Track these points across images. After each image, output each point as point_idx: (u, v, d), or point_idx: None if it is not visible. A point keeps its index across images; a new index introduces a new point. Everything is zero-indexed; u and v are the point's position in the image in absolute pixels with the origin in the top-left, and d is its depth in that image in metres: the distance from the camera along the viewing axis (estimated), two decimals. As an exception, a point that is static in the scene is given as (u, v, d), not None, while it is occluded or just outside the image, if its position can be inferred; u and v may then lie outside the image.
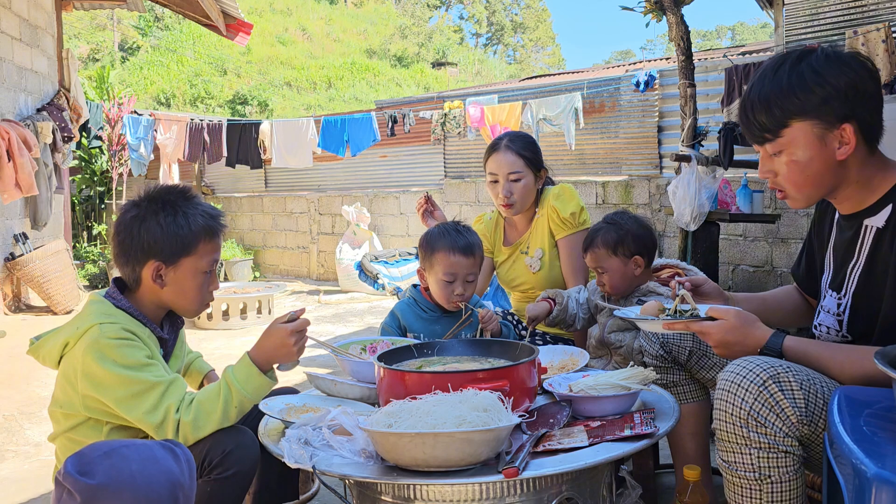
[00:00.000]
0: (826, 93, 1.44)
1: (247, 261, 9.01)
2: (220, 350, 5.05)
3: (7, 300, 6.20)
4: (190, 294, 1.67)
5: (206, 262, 1.67)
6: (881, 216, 1.51)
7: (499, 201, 2.61)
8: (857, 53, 1.51)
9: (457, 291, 2.15)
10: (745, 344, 1.50)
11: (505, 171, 2.57)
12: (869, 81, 1.47)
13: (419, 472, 1.32)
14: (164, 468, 1.26)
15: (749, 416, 1.36)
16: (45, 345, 1.62)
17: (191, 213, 1.65)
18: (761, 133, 1.52)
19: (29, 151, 5.66)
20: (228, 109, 21.25)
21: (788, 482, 1.38)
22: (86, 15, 23.18)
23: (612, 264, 2.16)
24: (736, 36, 45.71)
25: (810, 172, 1.50)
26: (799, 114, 1.46)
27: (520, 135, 2.71)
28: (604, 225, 2.22)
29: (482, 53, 39.23)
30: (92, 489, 1.18)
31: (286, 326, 1.59)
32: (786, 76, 1.48)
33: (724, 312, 1.53)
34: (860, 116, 1.46)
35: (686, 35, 4.79)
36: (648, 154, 6.44)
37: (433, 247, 2.18)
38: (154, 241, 1.61)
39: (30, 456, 2.96)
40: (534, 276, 2.63)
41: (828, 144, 1.47)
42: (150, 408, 1.50)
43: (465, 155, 7.96)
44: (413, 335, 2.22)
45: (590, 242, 2.22)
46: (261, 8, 29.62)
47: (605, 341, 2.18)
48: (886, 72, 4.55)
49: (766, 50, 7.75)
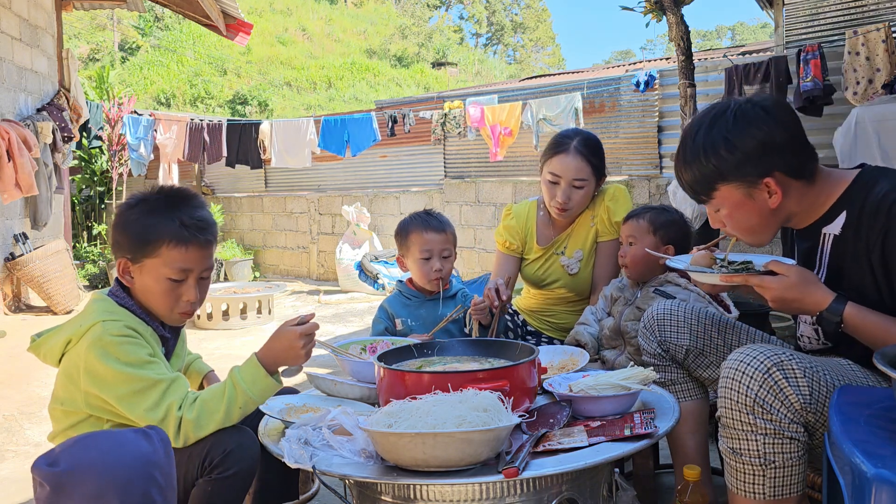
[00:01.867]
0: (737, 158, 1.51)
1: (247, 261, 9.01)
2: (220, 350, 5.05)
3: (7, 300, 6.19)
4: (154, 298, 1.62)
5: (173, 269, 1.59)
6: (837, 223, 1.54)
7: (553, 203, 2.44)
8: (766, 106, 1.53)
9: (435, 268, 2.29)
10: (803, 302, 1.48)
11: (570, 176, 2.39)
12: (779, 132, 1.51)
13: (419, 472, 1.32)
14: (133, 449, 1.28)
15: (755, 403, 1.37)
16: (47, 342, 1.62)
17: (168, 215, 1.59)
18: (697, 196, 1.62)
19: (29, 151, 5.66)
20: (228, 109, 21.26)
21: (792, 467, 1.39)
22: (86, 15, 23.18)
23: (645, 241, 2.20)
24: (736, 36, 45.72)
25: (751, 224, 1.58)
26: (719, 179, 1.54)
27: (590, 137, 2.47)
28: (657, 207, 2.30)
29: (482, 53, 39.24)
30: (57, 475, 1.21)
31: (296, 329, 1.59)
32: (701, 143, 1.54)
33: (785, 268, 1.50)
34: (782, 165, 1.51)
35: (686, 35, 4.79)
36: (648, 154, 6.44)
37: (407, 230, 2.35)
38: (121, 235, 1.62)
39: (30, 456, 2.96)
40: (571, 278, 2.51)
41: (756, 198, 1.54)
42: (152, 405, 1.50)
43: (465, 155, 7.95)
44: (401, 321, 2.34)
45: (636, 214, 2.27)
46: (261, 8, 29.63)
47: (620, 330, 2.18)
48: (886, 72, 4.55)
49: (767, 50, 7.75)
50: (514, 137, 6.79)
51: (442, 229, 2.34)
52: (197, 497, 1.51)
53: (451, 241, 2.36)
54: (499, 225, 2.67)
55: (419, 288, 2.38)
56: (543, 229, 2.58)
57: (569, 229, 2.54)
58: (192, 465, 1.50)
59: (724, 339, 1.83)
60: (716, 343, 1.83)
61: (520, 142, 6.87)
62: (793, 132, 1.53)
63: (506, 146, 6.83)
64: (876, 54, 4.59)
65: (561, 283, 2.54)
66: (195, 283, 1.64)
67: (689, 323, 1.85)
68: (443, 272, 2.31)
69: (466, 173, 7.93)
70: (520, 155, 7.15)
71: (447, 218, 2.41)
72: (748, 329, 1.85)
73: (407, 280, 2.43)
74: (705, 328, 1.84)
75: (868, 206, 1.49)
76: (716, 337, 1.83)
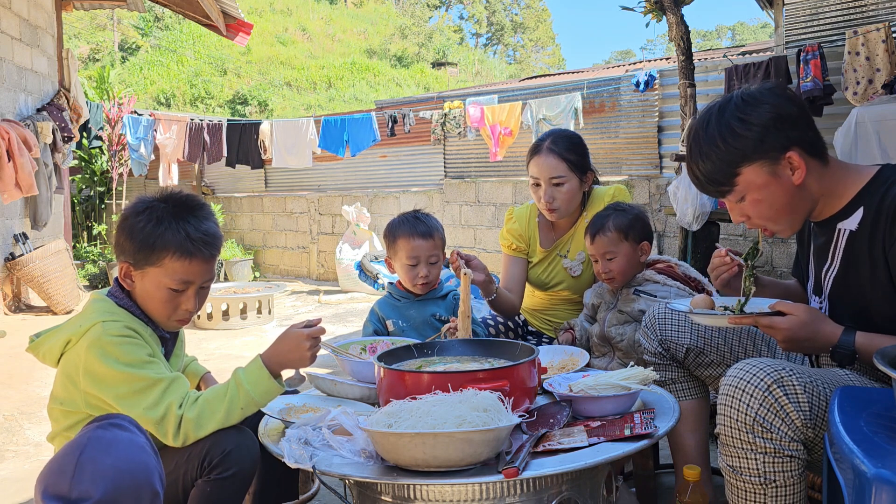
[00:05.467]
0: (757, 133, 1.49)
1: (247, 261, 9.01)
2: (220, 350, 5.05)
3: (7, 300, 6.19)
4: (153, 304, 1.62)
5: (174, 280, 1.59)
6: (853, 219, 1.53)
7: (541, 206, 2.47)
8: (768, 87, 1.55)
9: (421, 274, 2.29)
10: (815, 340, 1.48)
11: (546, 176, 2.41)
12: (789, 106, 1.52)
13: (419, 472, 1.32)
14: (138, 460, 1.28)
15: (755, 421, 1.36)
16: (46, 342, 1.62)
17: (175, 226, 1.59)
18: (717, 189, 1.58)
19: (29, 151, 5.66)
20: (228, 109, 21.27)
21: (793, 485, 1.38)
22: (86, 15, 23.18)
23: (623, 249, 2.17)
24: (736, 36, 45.72)
25: (778, 206, 1.55)
26: (742, 160, 1.51)
27: (565, 134, 2.50)
28: (611, 211, 2.24)
29: (482, 53, 39.24)
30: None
31: (303, 331, 1.59)
32: (716, 131, 1.53)
33: (793, 308, 1.49)
34: (798, 140, 1.51)
35: (686, 35, 4.79)
36: (648, 154, 6.44)
37: (395, 235, 2.34)
38: (126, 241, 1.61)
39: (30, 456, 2.96)
40: (574, 280, 2.52)
41: (781, 175, 1.52)
42: (151, 404, 1.50)
43: (465, 155, 7.95)
44: (391, 322, 2.34)
45: (600, 227, 2.20)
46: (261, 8, 29.63)
47: (605, 336, 2.17)
48: (886, 72, 4.55)
49: (767, 50, 7.75)
50: (514, 137, 6.80)
51: (430, 235, 2.30)
52: (196, 497, 1.51)
53: (440, 246, 2.33)
54: (502, 228, 2.67)
55: (407, 289, 2.38)
56: (545, 232, 2.59)
57: (570, 231, 2.54)
58: (191, 465, 1.50)
59: (724, 337, 1.83)
60: (716, 342, 1.83)
61: (520, 142, 6.87)
62: (802, 107, 1.54)
63: (506, 146, 6.83)
64: (876, 54, 4.59)
65: (564, 286, 2.54)
66: (195, 294, 1.64)
67: (690, 322, 1.85)
68: (429, 278, 2.29)
69: (466, 173, 7.93)
70: (520, 155, 7.14)
71: (437, 220, 2.37)
72: (748, 328, 1.84)
73: (397, 282, 2.43)
74: (706, 327, 1.84)
75: (886, 203, 1.47)
76: (716, 336, 1.84)
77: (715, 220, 4.50)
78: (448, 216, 7.76)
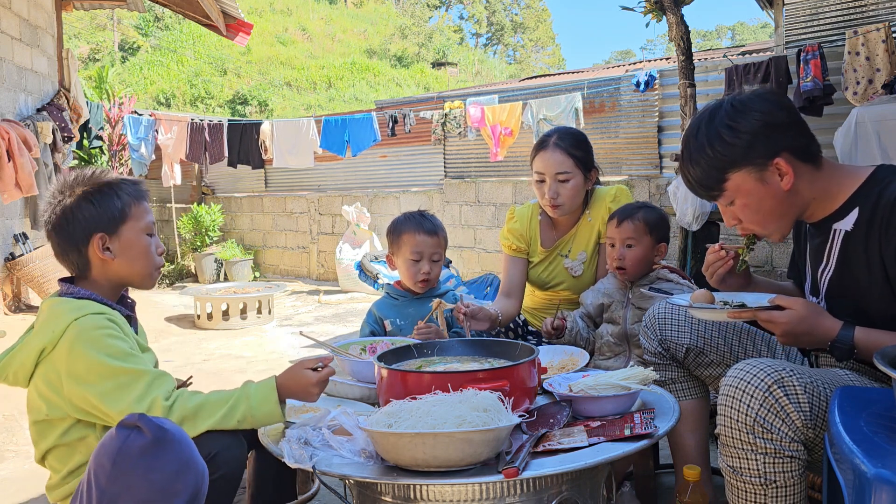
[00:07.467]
0: (745, 141, 1.51)
1: (247, 261, 9.01)
2: (220, 350, 5.04)
3: (7, 300, 6.19)
4: (140, 259, 1.69)
5: (144, 223, 1.70)
6: (849, 220, 1.54)
7: (545, 202, 2.47)
8: (759, 94, 1.56)
9: (423, 270, 2.30)
10: (813, 335, 1.48)
11: (552, 171, 2.41)
12: (779, 113, 1.53)
13: (419, 472, 1.32)
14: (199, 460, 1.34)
15: (755, 422, 1.36)
16: (13, 362, 1.61)
17: (112, 184, 1.68)
18: (708, 193, 1.61)
19: (29, 151, 5.66)
20: (228, 109, 21.27)
21: (793, 486, 1.39)
22: (86, 15, 23.18)
23: (644, 242, 2.19)
24: (736, 36, 45.72)
25: (765, 210, 1.57)
26: (731, 167, 1.54)
27: (570, 131, 2.51)
28: (644, 205, 2.28)
29: (482, 53, 39.25)
30: (165, 432, 1.28)
31: (312, 378, 1.59)
32: (705, 138, 1.55)
33: (792, 302, 1.50)
34: (788, 146, 1.52)
35: (686, 35, 4.79)
36: (648, 154, 6.44)
37: (399, 230, 2.35)
38: (91, 217, 1.64)
39: (30, 456, 2.96)
40: (575, 280, 2.52)
41: (769, 181, 1.53)
42: (137, 397, 1.50)
43: (465, 155, 7.95)
44: (389, 322, 2.35)
45: (629, 215, 2.23)
46: (261, 8, 29.64)
47: (627, 334, 2.18)
48: (886, 72, 4.55)
49: (767, 50, 7.75)
50: (515, 137, 6.79)
51: (434, 232, 2.33)
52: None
53: (443, 244, 2.36)
54: (503, 227, 2.66)
55: (406, 288, 2.39)
56: (546, 231, 2.59)
57: (572, 231, 2.54)
58: None
59: (724, 337, 1.83)
60: (716, 342, 1.83)
61: (520, 142, 6.87)
62: (792, 113, 1.55)
63: (506, 146, 6.83)
64: (876, 54, 4.59)
65: (565, 286, 2.54)
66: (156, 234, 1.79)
67: (690, 321, 1.85)
68: (430, 275, 2.31)
69: (466, 173, 7.93)
70: (520, 155, 7.15)
71: (440, 221, 2.41)
72: (748, 327, 1.84)
73: (395, 282, 2.44)
74: (706, 327, 1.84)
75: (882, 203, 1.47)
76: (716, 335, 1.84)
77: (715, 220, 4.50)
78: (448, 216, 7.76)
